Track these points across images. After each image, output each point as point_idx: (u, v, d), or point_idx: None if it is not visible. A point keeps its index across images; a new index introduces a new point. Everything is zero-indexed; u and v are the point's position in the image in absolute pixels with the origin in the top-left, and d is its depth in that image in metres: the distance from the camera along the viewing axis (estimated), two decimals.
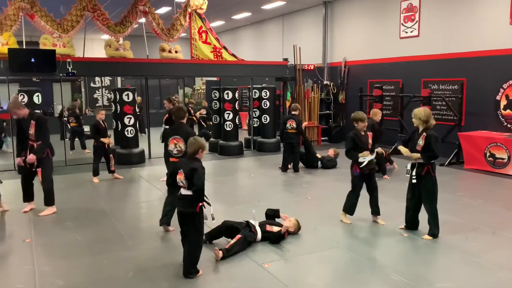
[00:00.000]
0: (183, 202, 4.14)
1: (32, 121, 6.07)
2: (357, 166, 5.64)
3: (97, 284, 4.08)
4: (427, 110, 5.25)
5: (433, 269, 4.41)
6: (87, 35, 10.75)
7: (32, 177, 6.38)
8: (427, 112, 5.17)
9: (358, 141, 5.63)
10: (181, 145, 5.38)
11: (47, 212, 6.26)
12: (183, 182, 4.06)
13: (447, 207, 6.37)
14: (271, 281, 4.12)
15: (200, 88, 21.11)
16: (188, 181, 4.03)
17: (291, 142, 9.08)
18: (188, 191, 4.07)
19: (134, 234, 5.51)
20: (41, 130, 6.09)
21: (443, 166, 9.48)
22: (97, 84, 18.98)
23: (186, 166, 4.08)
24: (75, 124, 12.28)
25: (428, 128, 5.14)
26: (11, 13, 9.34)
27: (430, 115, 5.18)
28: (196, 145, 4.15)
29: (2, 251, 5.00)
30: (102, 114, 8.49)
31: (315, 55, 14.52)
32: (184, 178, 4.04)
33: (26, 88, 9.50)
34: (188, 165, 4.07)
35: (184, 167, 4.07)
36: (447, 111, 10.47)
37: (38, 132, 6.07)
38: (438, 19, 10.84)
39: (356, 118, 5.71)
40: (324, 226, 5.70)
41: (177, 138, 5.42)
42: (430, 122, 5.14)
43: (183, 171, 4.05)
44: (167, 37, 11.23)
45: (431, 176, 5.13)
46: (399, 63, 11.87)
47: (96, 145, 8.36)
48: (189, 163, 4.10)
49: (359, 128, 5.69)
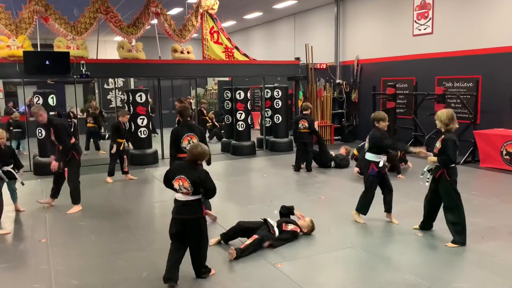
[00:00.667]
0: (187, 208, 3.94)
1: (51, 128, 6.36)
2: (374, 165, 5.58)
3: (111, 284, 4.12)
4: (450, 112, 5.00)
5: (448, 269, 4.35)
6: (100, 37, 10.86)
7: (64, 178, 6.62)
8: (449, 115, 4.94)
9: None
10: (195, 141, 5.58)
11: (74, 210, 6.45)
12: (188, 188, 3.88)
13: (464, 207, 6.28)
14: (284, 281, 4.11)
15: (212, 88, 21.17)
16: (195, 187, 3.87)
17: (305, 142, 9.07)
18: (193, 197, 3.91)
19: (148, 234, 5.54)
20: (60, 136, 6.32)
21: (458, 165, 9.32)
22: (110, 86, 19.13)
23: (190, 172, 3.89)
24: (92, 125, 12.44)
25: (449, 131, 4.94)
26: (26, 16, 9.47)
27: (453, 118, 4.94)
28: (205, 154, 4.02)
29: (19, 251, 5.07)
30: (126, 118, 8.61)
31: (327, 54, 14.45)
32: (191, 185, 3.86)
33: (41, 90, 9.62)
34: (194, 171, 3.91)
35: (186, 173, 3.88)
36: (462, 109, 10.33)
37: (58, 138, 6.33)
38: (452, 15, 10.70)
39: (378, 117, 5.67)
40: (338, 225, 5.67)
41: (191, 135, 5.73)
42: (452, 126, 4.92)
43: (188, 177, 3.86)
44: (179, 37, 11.28)
45: (447, 180, 4.93)
46: (413, 61, 11.75)
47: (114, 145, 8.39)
48: (193, 169, 3.93)
49: (381, 128, 5.65)
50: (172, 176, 3.94)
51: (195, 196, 3.92)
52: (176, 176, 3.91)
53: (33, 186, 8.19)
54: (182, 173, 3.89)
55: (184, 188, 3.88)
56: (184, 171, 3.90)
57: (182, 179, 3.87)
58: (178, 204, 3.97)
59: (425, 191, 5.29)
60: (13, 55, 9.05)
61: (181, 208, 3.96)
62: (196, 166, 3.99)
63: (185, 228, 3.95)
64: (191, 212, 3.95)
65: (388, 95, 11.55)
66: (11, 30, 9.31)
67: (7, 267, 4.61)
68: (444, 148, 4.86)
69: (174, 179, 3.92)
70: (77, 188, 6.54)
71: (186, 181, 3.86)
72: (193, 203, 3.94)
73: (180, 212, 3.96)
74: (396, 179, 8.01)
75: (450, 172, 4.93)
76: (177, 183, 3.90)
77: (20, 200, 6.50)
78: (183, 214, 3.95)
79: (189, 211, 3.94)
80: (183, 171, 3.91)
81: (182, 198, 3.94)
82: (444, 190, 4.98)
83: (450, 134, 4.92)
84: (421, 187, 5.41)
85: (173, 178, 3.93)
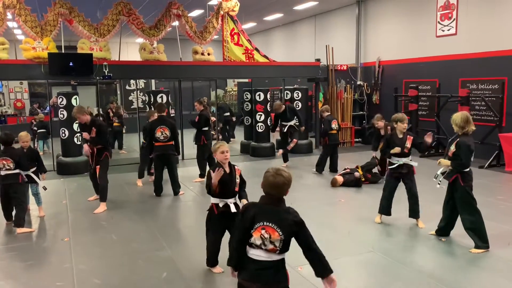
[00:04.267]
0: (272, 274, 2.63)
1: (94, 128, 6.59)
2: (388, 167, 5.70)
3: (132, 284, 4.15)
4: (464, 114, 4.86)
5: (472, 275, 4.25)
6: (122, 38, 11.01)
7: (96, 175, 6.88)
8: (464, 117, 4.80)
9: (391, 142, 5.57)
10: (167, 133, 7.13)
11: (100, 209, 6.60)
12: (276, 243, 2.56)
13: (487, 211, 6.10)
14: (304, 285, 4.07)
15: (231, 90, 21.25)
16: (284, 242, 2.59)
17: (336, 144, 9.19)
18: (280, 256, 2.64)
19: (169, 234, 5.57)
20: (102, 136, 6.64)
21: (483, 169, 9.14)
22: (132, 87, 19.40)
23: (279, 216, 2.60)
24: (118, 124, 12.76)
25: (466, 134, 4.79)
26: (51, 18, 9.68)
27: (468, 121, 4.80)
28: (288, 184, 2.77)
29: (42, 249, 5.17)
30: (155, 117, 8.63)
31: (348, 55, 14.33)
32: (282, 238, 2.56)
33: (65, 91, 9.81)
34: (287, 216, 2.61)
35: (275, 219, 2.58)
36: (486, 111, 10.10)
37: (98, 138, 6.61)
38: (477, 16, 10.48)
39: (395, 118, 5.62)
40: (358, 229, 5.60)
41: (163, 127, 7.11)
42: (468, 128, 4.77)
43: (278, 227, 2.56)
44: (200, 39, 11.34)
45: (460, 185, 4.79)
46: (436, 63, 11.55)
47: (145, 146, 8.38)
48: (283, 212, 2.65)
49: (399, 130, 5.59)
50: (252, 226, 2.59)
51: (282, 255, 2.66)
52: (259, 224, 2.59)
53: (56, 185, 8.34)
54: (268, 218, 2.59)
55: (269, 243, 2.58)
56: (271, 215, 2.60)
57: (267, 228, 2.57)
58: (256, 267, 2.60)
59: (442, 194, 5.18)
60: (38, 56, 9.26)
61: (262, 273, 2.60)
62: (284, 206, 2.71)
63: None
64: (279, 279, 2.65)
65: (410, 97, 11.39)
66: (37, 32, 9.52)
67: (31, 264, 4.70)
68: (458, 152, 4.75)
69: (254, 229, 2.59)
70: (106, 187, 6.75)
71: (274, 232, 2.57)
72: (279, 264, 2.66)
73: (261, 279, 2.59)
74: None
75: (465, 177, 4.81)
76: (258, 234, 2.59)
77: (43, 199, 6.60)
78: (267, 283, 2.60)
79: (276, 277, 2.64)
80: (270, 215, 2.60)
81: (264, 257, 2.60)
82: (459, 196, 4.86)
83: (466, 137, 4.79)
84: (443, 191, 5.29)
85: (252, 229, 2.60)
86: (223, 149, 3.93)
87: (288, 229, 2.55)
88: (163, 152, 7.27)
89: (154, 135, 7.18)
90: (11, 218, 5.90)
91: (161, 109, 7.44)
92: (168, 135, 7.21)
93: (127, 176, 8.98)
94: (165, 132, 7.17)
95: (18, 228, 5.67)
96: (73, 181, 8.64)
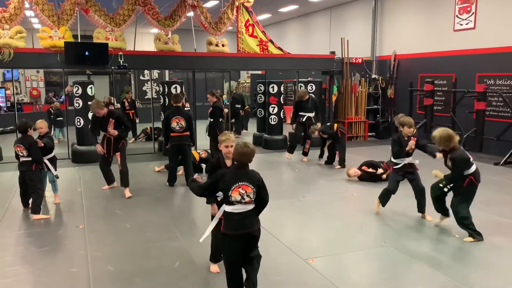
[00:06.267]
0: (250, 220, 3.38)
1: (111, 119, 6.78)
2: (392, 166, 5.76)
3: (145, 272, 4.20)
4: (444, 133, 4.79)
5: (485, 271, 4.21)
6: (137, 29, 11.05)
7: (109, 164, 7.18)
8: (443, 136, 4.76)
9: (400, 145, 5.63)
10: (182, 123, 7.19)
11: (128, 193, 6.85)
12: (250, 196, 3.33)
13: (502, 209, 6.09)
14: (316, 277, 4.09)
15: (245, 82, 21.22)
16: (256, 195, 3.36)
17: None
18: (251, 206, 3.37)
19: (182, 224, 5.63)
20: (121, 122, 6.95)
21: (498, 166, 9.02)
22: (146, 77, 19.50)
23: (250, 177, 3.35)
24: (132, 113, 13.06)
25: (454, 149, 4.80)
26: (67, 8, 9.74)
27: (448, 139, 4.76)
28: (252, 153, 3.40)
29: (58, 236, 5.26)
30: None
31: (363, 48, 14.18)
32: (254, 192, 3.33)
33: (80, 80, 9.90)
34: (253, 175, 3.39)
35: (248, 179, 3.33)
36: (504, 107, 9.94)
37: (118, 127, 6.86)
38: (496, 10, 10.27)
39: (402, 122, 5.63)
40: (371, 223, 5.59)
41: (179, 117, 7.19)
42: (452, 144, 4.79)
43: (251, 184, 3.32)
44: (215, 30, 11.33)
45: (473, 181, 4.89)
46: (453, 57, 11.37)
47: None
48: (252, 174, 3.39)
49: (404, 133, 5.60)
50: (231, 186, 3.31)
51: (253, 205, 3.40)
52: (236, 184, 3.31)
53: (71, 173, 8.46)
54: (244, 179, 3.32)
55: (247, 197, 3.31)
56: (246, 177, 3.34)
57: (243, 186, 3.31)
58: (239, 218, 3.35)
59: None
60: (54, 45, 9.35)
61: (245, 220, 3.36)
62: (251, 170, 3.46)
63: (252, 243, 3.43)
64: (253, 224, 3.41)
65: (426, 92, 11.25)
66: (53, 21, 9.60)
67: (47, 250, 4.79)
68: (453, 167, 4.85)
69: (231, 189, 3.30)
70: (128, 172, 6.98)
71: (249, 188, 3.32)
72: (253, 213, 3.43)
73: (245, 225, 3.36)
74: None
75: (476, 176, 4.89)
76: (237, 193, 3.31)
77: (60, 186, 6.68)
78: (248, 227, 3.37)
79: (253, 223, 3.41)
80: (245, 177, 3.34)
81: (243, 209, 3.35)
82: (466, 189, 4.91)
83: (456, 152, 4.81)
84: None
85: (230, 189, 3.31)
86: (228, 143, 3.81)
87: (256, 183, 3.35)
88: (178, 142, 7.31)
89: (170, 125, 7.22)
90: (28, 204, 6.01)
91: (177, 99, 7.44)
92: (183, 126, 7.24)
93: (140, 166, 9.06)
94: (180, 123, 7.21)
95: (34, 214, 5.77)
96: (88, 170, 8.75)
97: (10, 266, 4.37)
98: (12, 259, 4.55)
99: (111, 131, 6.77)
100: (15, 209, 6.16)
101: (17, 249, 4.85)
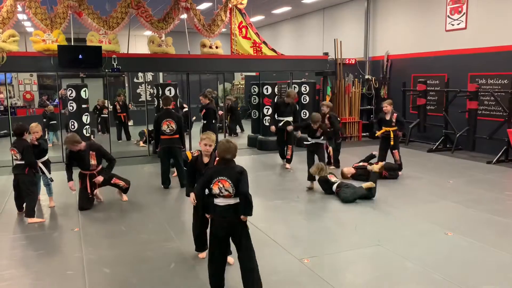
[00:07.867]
0: (231, 212, 3.60)
1: (92, 152, 6.27)
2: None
3: (141, 273, 4.22)
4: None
5: (479, 270, 4.26)
6: (131, 31, 11.05)
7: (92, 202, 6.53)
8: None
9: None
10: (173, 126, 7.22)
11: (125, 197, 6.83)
12: (230, 190, 3.54)
13: (495, 207, 6.14)
14: (311, 276, 4.12)
15: (239, 83, 21.25)
16: (236, 188, 3.55)
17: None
18: (234, 199, 3.58)
19: (177, 225, 5.64)
20: (103, 155, 6.43)
21: (491, 164, 9.11)
22: (140, 80, 19.48)
23: (229, 172, 3.56)
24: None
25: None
26: (60, 11, 9.74)
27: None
28: (235, 149, 3.65)
29: (53, 239, 5.26)
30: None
31: (356, 49, 14.26)
32: (232, 186, 3.53)
33: (74, 83, 9.89)
34: (233, 170, 3.57)
35: (227, 174, 3.54)
36: (495, 106, 10.03)
37: (99, 159, 6.38)
38: (487, 10, 10.38)
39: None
40: (365, 223, 5.63)
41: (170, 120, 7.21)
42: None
43: (229, 178, 3.53)
44: (208, 32, 11.36)
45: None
46: (445, 57, 11.47)
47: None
48: (232, 169, 3.59)
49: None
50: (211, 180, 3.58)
51: (236, 199, 3.59)
52: (215, 178, 3.56)
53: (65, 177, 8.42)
54: (223, 174, 3.55)
55: (226, 191, 3.55)
56: (225, 172, 3.56)
57: (222, 181, 3.55)
58: (221, 209, 3.63)
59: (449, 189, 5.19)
60: (48, 49, 9.34)
61: (226, 212, 3.62)
62: (233, 164, 3.66)
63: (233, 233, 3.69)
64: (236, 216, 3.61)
65: (419, 92, 11.34)
66: (46, 24, 9.59)
67: (42, 253, 4.79)
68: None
69: (212, 183, 3.57)
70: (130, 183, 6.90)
71: (227, 183, 3.54)
72: (236, 205, 3.61)
73: (226, 216, 3.62)
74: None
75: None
76: (217, 187, 3.57)
77: (54, 189, 6.67)
78: (230, 219, 3.62)
79: (235, 214, 3.61)
80: (224, 172, 3.57)
81: (224, 202, 3.61)
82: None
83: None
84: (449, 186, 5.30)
85: (211, 182, 3.58)
86: (206, 142, 4.26)
87: (234, 177, 3.53)
88: (168, 145, 7.32)
89: (160, 128, 7.24)
90: (22, 208, 6.00)
91: (167, 102, 7.45)
92: (174, 128, 7.26)
93: (135, 169, 9.06)
94: (171, 125, 7.24)
95: (29, 218, 5.77)
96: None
97: (6, 269, 4.37)
98: (7, 263, 4.55)
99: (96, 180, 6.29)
100: (9, 213, 6.15)
101: (12, 252, 4.85)
